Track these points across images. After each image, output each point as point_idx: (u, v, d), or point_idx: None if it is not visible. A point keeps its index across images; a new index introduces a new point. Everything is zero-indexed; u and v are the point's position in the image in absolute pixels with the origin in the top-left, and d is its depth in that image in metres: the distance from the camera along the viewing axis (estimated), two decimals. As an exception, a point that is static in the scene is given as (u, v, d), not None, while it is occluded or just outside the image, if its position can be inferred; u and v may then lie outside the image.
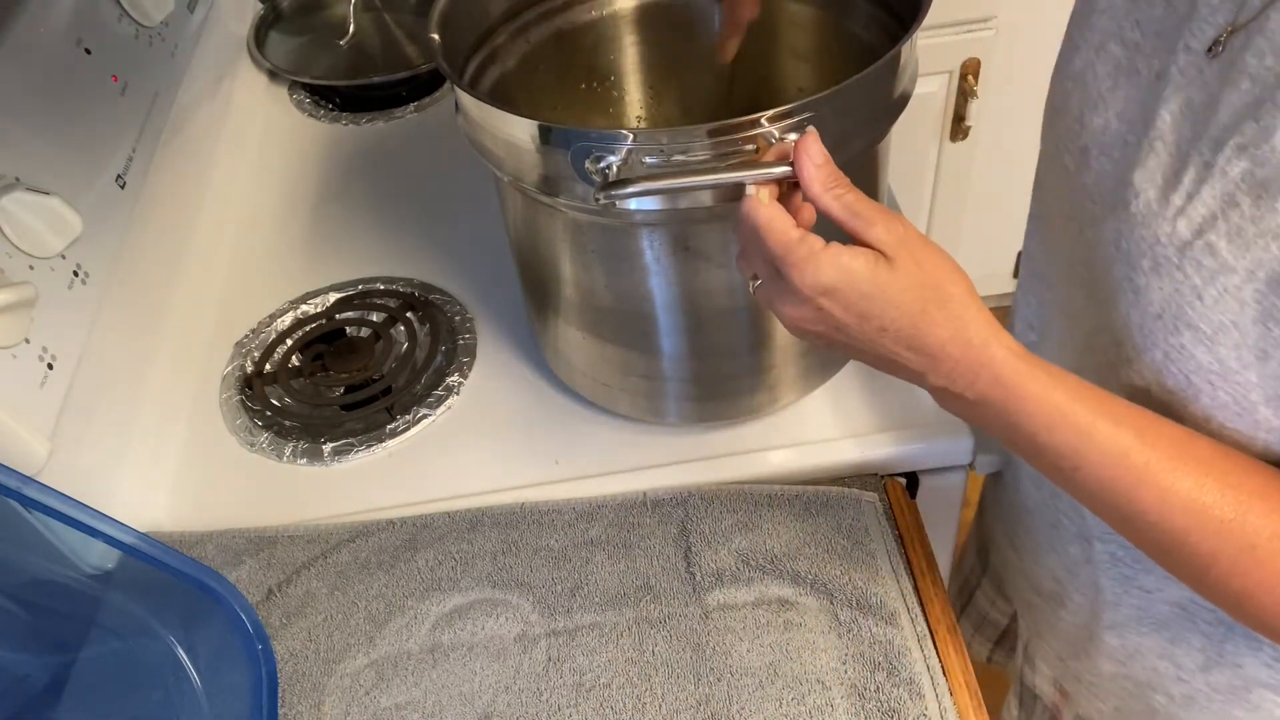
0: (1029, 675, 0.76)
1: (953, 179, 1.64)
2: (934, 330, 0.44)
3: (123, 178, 0.83)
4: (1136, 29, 0.49)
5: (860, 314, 0.45)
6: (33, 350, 0.66)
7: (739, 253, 0.50)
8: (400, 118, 1.12)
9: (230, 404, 0.82)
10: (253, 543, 0.71)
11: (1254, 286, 0.41)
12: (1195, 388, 0.45)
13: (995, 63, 1.49)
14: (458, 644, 0.65)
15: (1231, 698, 0.58)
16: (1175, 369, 0.45)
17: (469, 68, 0.70)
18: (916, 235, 0.46)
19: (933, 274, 0.45)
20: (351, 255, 0.94)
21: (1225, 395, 0.44)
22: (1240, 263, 0.41)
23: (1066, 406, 0.44)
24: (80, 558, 0.66)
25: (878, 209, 0.46)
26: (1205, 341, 0.44)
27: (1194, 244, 0.43)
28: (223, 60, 1.15)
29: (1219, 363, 0.44)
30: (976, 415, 0.46)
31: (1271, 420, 0.43)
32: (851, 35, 0.73)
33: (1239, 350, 0.43)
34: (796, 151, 0.47)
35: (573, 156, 0.55)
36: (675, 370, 0.70)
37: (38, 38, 0.77)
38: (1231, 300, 0.42)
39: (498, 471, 0.75)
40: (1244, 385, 0.43)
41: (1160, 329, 0.45)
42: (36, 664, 0.63)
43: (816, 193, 0.46)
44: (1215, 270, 0.42)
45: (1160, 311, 0.45)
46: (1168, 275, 0.44)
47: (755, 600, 0.65)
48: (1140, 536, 0.45)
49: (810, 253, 0.45)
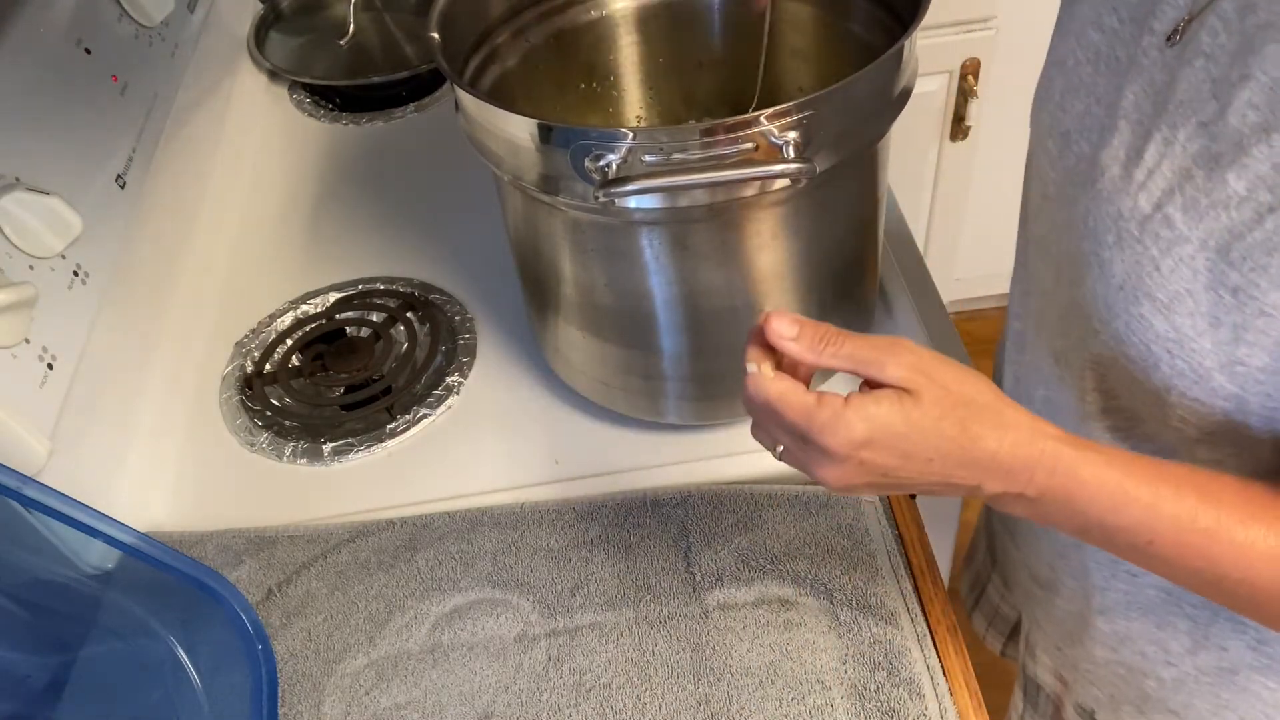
0: (1031, 666, 0.77)
1: (953, 179, 1.64)
2: (981, 444, 0.44)
3: (123, 178, 0.83)
4: (1114, 16, 0.50)
5: (903, 454, 0.44)
6: (33, 350, 0.66)
7: (753, 425, 0.49)
8: (400, 118, 1.12)
9: (230, 404, 0.82)
10: (253, 543, 0.71)
11: (1205, 255, 0.43)
12: (1155, 356, 0.46)
13: (995, 63, 1.49)
14: (458, 644, 0.65)
15: (1220, 680, 0.58)
16: (1136, 339, 0.46)
17: (469, 67, 0.70)
18: (929, 356, 0.45)
19: (959, 391, 0.44)
20: (351, 255, 0.94)
21: (1182, 363, 0.45)
22: (1194, 233, 0.43)
23: (1126, 482, 0.43)
24: (80, 558, 0.66)
25: (881, 346, 0.45)
26: (1162, 310, 0.45)
27: (1153, 216, 0.44)
28: (223, 60, 1.15)
29: (1175, 330, 0.45)
30: (1040, 512, 0.46)
31: (1227, 386, 0.44)
32: (851, 35, 0.73)
33: (1193, 318, 0.44)
34: (770, 338, 0.46)
35: (572, 155, 0.55)
36: (675, 370, 0.70)
37: (38, 38, 0.77)
38: (1186, 269, 0.43)
39: (498, 471, 0.75)
40: (1199, 352, 0.44)
41: (1122, 300, 0.46)
42: (36, 664, 0.63)
43: (813, 360, 0.46)
44: (1172, 241, 0.44)
45: (1122, 283, 0.46)
46: (1129, 248, 0.46)
47: (755, 600, 0.65)
48: (1232, 597, 0.45)
49: (835, 414, 0.44)
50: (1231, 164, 0.42)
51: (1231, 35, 0.42)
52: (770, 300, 0.66)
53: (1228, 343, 0.43)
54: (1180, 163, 0.43)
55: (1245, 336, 0.43)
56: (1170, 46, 0.46)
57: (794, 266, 0.64)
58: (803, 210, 0.62)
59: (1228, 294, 0.42)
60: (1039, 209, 0.57)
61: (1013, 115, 1.44)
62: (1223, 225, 0.42)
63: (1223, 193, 0.42)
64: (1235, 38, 0.42)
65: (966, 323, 1.87)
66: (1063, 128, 0.53)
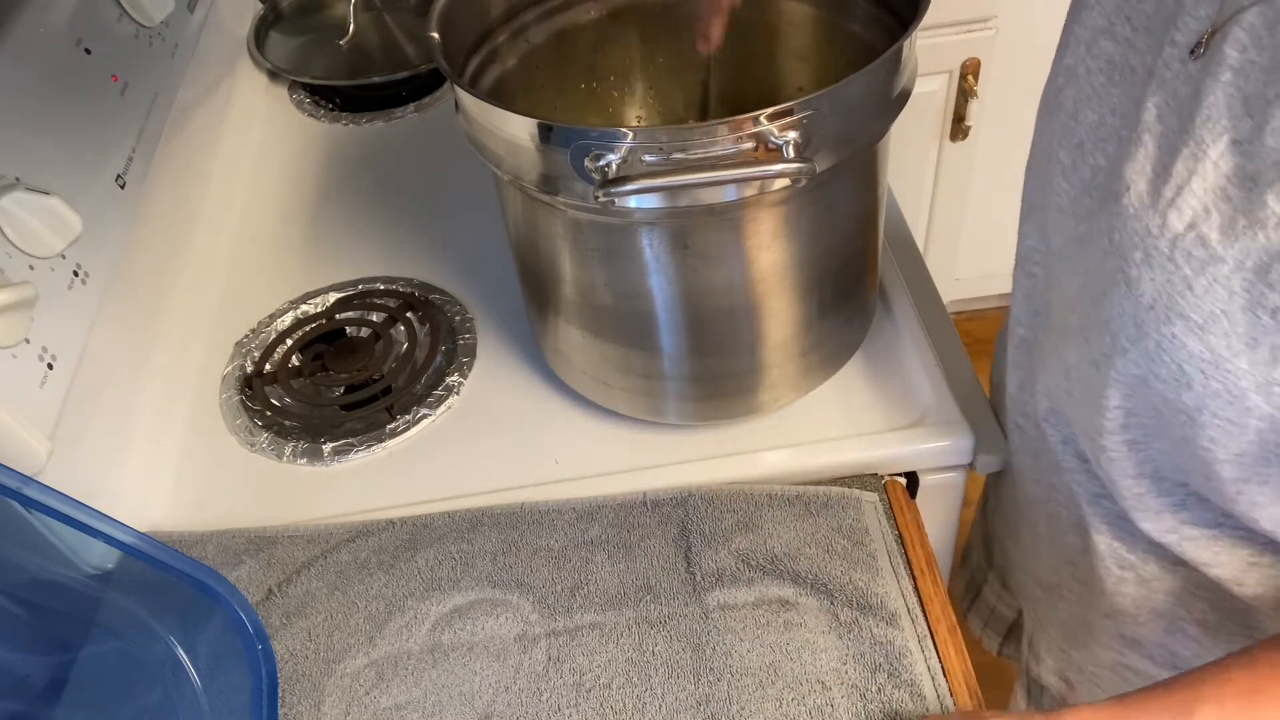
0: (1034, 667, 0.77)
1: (953, 179, 1.64)
2: None
3: (123, 178, 0.83)
4: (1127, 25, 0.49)
5: None
6: (33, 350, 0.66)
7: None
8: (400, 118, 1.12)
9: (230, 404, 0.82)
10: (253, 543, 0.71)
11: (1242, 276, 0.42)
12: (1188, 376, 0.45)
13: (995, 63, 1.49)
14: (458, 644, 0.65)
15: None
16: (1168, 358, 0.45)
17: (469, 67, 0.70)
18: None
19: None
20: (351, 255, 0.94)
21: (1216, 384, 0.44)
22: (1229, 253, 0.42)
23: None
24: (80, 558, 0.66)
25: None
26: (1196, 331, 0.44)
27: (1185, 236, 0.43)
28: (223, 60, 1.15)
29: (1210, 351, 0.44)
30: None
31: (1262, 407, 0.44)
32: (851, 35, 0.73)
33: (1228, 338, 0.43)
34: None
35: (572, 155, 0.55)
36: (675, 369, 0.70)
37: (38, 38, 0.77)
38: (1221, 289, 0.42)
39: (498, 471, 0.75)
40: (1234, 373, 0.43)
41: (1152, 319, 0.46)
42: (36, 664, 0.63)
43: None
44: (1205, 261, 0.43)
45: (1152, 302, 0.45)
46: (1159, 266, 0.44)
47: (755, 600, 0.65)
48: None
49: None
50: (1271, 184, 0.41)
51: (1262, 50, 0.41)
52: (770, 300, 0.66)
53: (1265, 363, 0.42)
54: (1214, 181, 0.42)
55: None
56: (1194, 59, 0.44)
57: (794, 266, 0.64)
58: (803, 210, 0.62)
59: (1266, 315, 0.41)
60: (1055, 224, 0.56)
61: (1013, 115, 1.44)
62: (1260, 245, 0.41)
63: (1261, 213, 0.41)
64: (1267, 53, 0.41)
65: (966, 323, 1.87)
66: (1076, 138, 0.52)
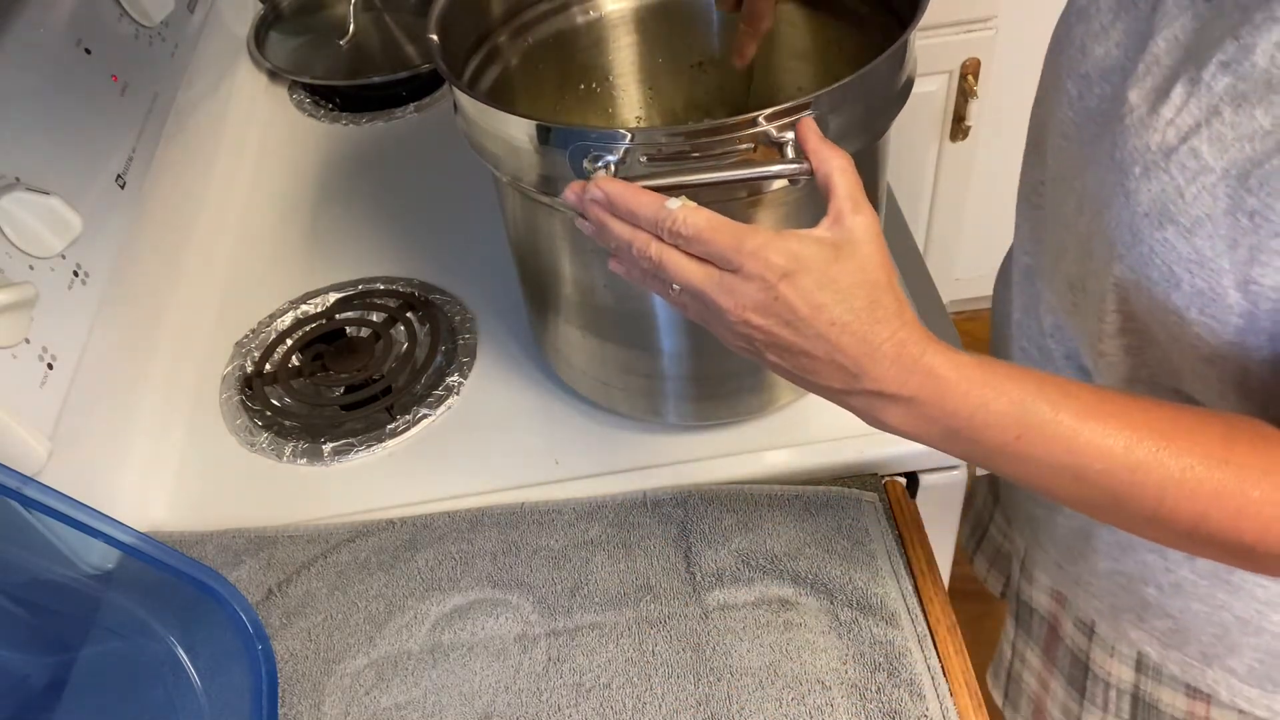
0: (1026, 590, 0.79)
1: (953, 179, 1.64)
2: (881, 325, 0.46)
3: (123, 178, 0.83)
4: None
5: (815, 305, 0.45)
6: (33, 350, 0.66)
7: (651, 272, 0.49)
8: (400, 118, 1.12)
9: (230, 404, 0.82)
10: (253, 543, 0.71)
11: (1227, 183, 0.46)
12: (1177, 276, 0.49)
13: (995, 63, 1.49)
14: (458, 644, 0.65)
15: (1215, 582, 0.61)
16: (1159, 260, 0.49)
17: (468, 68, 0.70)
18: (878, 231, 0.48)
19: (875, 273, 0.46)
20: (351, 255, 0.94)
21: (1201, 282, 0.48)
22: (1218, 163, 0.46)
23: (995, 380, 0.46)
24: (80, 558, 0.66)
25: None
26: (1185, 234, 0.48)
27: (1179, 149, 0.47)
28: (223, 60, 1.15)
29: (1196, 252, 0.47)
30: (914, 415, 0.47)
31: (1241, 303, 0.47)
32: (851, 35, 0.73)
33: (1213, 240, 0.47)
34: (803, 135, 0.50)
35: (571, 156, 0.55)
36: (675, 369, 0.70)
37: (38, 38, 0.77)
38: (1208, 196, 0.46)
39: (498, 471, 0.75)
40: (1217, 271, 0.47)
41: (1147, 225, 0.49)
42: (36, 664, 0.63)
43: (842, 164, 0.49)
44: (1197, 171, 0.47)
45: (1148, 210, 0.49)
46: (1155, 178, 0.48)
47: (755, 600, 0.65)
48: (1093, 488, 0.47)
49: (768, 237, 0.46)
50: (1260, 101, 0.44)
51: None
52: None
53: (1244, 263, 0.46)
54: (1208, 101, 0.46)
55: (1260, 257, 0.45)
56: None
57: (794, 266, 0.64)
58: (802, 210, 0.62)
59: (1245, 218, 0.45)
60: (1058, 150, 0.59)
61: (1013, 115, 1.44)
62: (1245, 155, 0.45)
63: (1249, 127, 0.45)
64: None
65: (966, 323, 1.87)
66: (1083, 70, 0.55)
